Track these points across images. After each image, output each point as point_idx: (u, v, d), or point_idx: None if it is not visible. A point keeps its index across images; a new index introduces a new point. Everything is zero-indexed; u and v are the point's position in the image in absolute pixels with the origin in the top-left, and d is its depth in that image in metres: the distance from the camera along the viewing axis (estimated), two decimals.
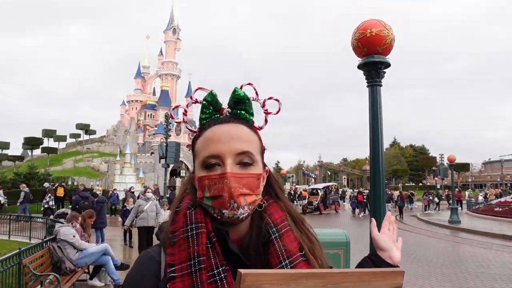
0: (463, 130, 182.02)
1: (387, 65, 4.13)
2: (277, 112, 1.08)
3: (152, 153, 63.33)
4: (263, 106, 1.06)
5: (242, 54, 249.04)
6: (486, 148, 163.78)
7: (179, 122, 1.13)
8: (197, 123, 1.07)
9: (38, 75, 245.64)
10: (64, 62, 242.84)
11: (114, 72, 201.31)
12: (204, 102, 1.03)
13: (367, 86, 4.20)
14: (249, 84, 1.06)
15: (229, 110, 1.04)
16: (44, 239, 7.56)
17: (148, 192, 11.57)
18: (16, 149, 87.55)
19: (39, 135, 74.01)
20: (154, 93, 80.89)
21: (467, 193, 42.78)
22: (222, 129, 0.99)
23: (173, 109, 1.18)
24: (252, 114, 1.05)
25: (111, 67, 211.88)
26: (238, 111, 1.03)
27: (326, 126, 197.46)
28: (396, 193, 32.20)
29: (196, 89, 1.07)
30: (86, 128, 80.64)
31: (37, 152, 73.72)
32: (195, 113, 1.10)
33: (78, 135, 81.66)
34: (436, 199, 33.29)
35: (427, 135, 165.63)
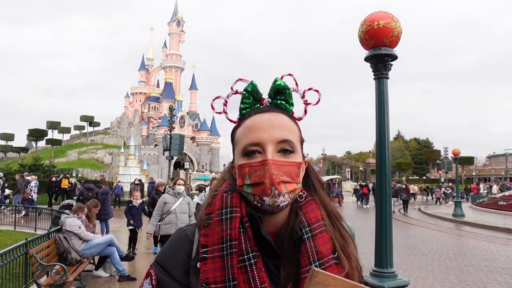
0: (467, 123, 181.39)
1: (394, 57, 4.10)
2: (317, 103, 1.07)
3: (156, 145, 63.52)
4: (302, 97, 1.06)
5: (247, 46, 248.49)
6: (491, 141, 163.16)
7: (220, 113, 1.11)
8: (201, 115, 1.05)
9: (43, 67, 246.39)
10: (68, 54, 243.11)
11: (119, 64, 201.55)
12: (244, 92, 1.03)
13: (374, 79, 4.18)
14: (289, 74, 1.06)
15: (269, 100, 1.04)
16: (50, 230, 7.61)
17: (179, 184, 7.76)
18: (20, 141, 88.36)
19: (43, 127, 74.40)
20: (158, 85, 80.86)
21: (481, 186, 42.96)
22: (262, 117, 1.00)
23: (214, 100, 1.17)
24: (292, 105, 1.05)
25: (116, 59, 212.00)
26: (278, 101, 1.03)
27: (330, 119, 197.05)
28: (412, 186, 32.21)
29: (237, 80, 1.06)
30: (90, 120, 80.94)
31: (41, 143, 74.14)
32: (198, 105, 1.07)
33: (82, 127, 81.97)
34: (450, 192, 33.65)
35: (432, 128, 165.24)
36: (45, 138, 72.54)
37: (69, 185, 20.87)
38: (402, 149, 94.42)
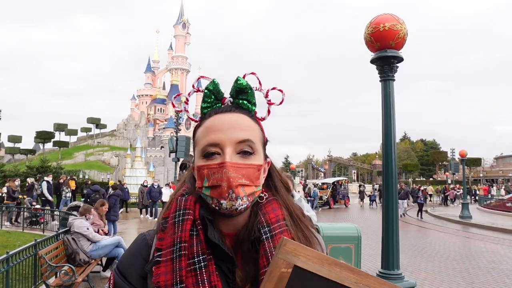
0: (475, 124, 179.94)
1: (400, 59, 4.12)
2: (280, 103, 1.05)
3: (162, 147, 63.65)
4: (266, 96, 1.04)
5: (253, 47, 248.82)
6: (499, 142, 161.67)
7: (180, 111, 1.13)
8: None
9: (49, 69, 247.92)
10: (75, 56, 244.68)
11: (125, 66, 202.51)
12: (205, 91, 1.01)
13: (380, 81, 4.19)
14: (252, 73, 1.03)
15: (231, 99, 1.01)
16: (59, 231, 7.67)
17: None
18: (28, 143, 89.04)
19: (50, 129, 74.84)
20: (164, 88, 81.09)
21: (494, 188, 42.60)
22: (223, 118, 0.98)
23: (175, 97, 1.16)
24: (254, 104, 1.02)
25: (122, 61, 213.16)
26: (240, 101, 1.01)
27: (337, 120, 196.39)
28: (430, 187, 31.91)
29: (198, 78, 1.04)
30: (97, 122, 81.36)
31: (48, 145, 74.56)
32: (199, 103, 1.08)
33: (89, 129, 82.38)
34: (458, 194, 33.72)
35: (438, 130, 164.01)
36: (52, 140, 72.93)
37: (27, 184, 20.30)
38: (408, 150, 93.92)
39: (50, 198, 17.40)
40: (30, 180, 20.85)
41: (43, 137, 70.70)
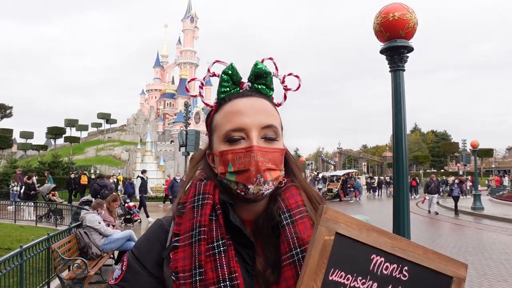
0: (487, 115, 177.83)
1: (410, 49, 4.06)
2: (297, 89, 1.04)
3: (172, 141, 64.00)
4: (282, 82, 1.03)
5: (262, 40, 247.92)
6: (511, 133, 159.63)
7: (195, 96, 1.09)
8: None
9: (59, 65, 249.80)
10: (84, 52, 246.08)
11: (134, 62, 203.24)
12: (223, 75, 0.99)
13: (390, 71, 4.14)
14: (270, 58, 1.02)
15: (249, 84, 1.00)
16: (71, 226, 7.76)
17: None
18: (39, 139, 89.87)
19: (61, 124, 75.60)
20: (173, 82, 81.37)
21: (506, 178, 41.97)
22: (244, 102, 0.96)
23: (189, 82, 1.11)
24: (272, 90, 1.01)
25: (131, 57, 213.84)
26: (259, 86, 1.00)
27: (347, 112, 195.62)
28: (451, 178, 31.49)
29: (214, 62, 1.01)
30: (107, 117, 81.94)
31: (60, 141, 75.32)
32: (213, 101, 1.05)
33: (100, 124, 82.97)
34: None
35: (450, 121, 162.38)
36: (64, 135, 73.63)
37: None
38: (419, 142, 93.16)
39: (138, 195, 17.44)
40: None
41: (54, 132, 71.40)
